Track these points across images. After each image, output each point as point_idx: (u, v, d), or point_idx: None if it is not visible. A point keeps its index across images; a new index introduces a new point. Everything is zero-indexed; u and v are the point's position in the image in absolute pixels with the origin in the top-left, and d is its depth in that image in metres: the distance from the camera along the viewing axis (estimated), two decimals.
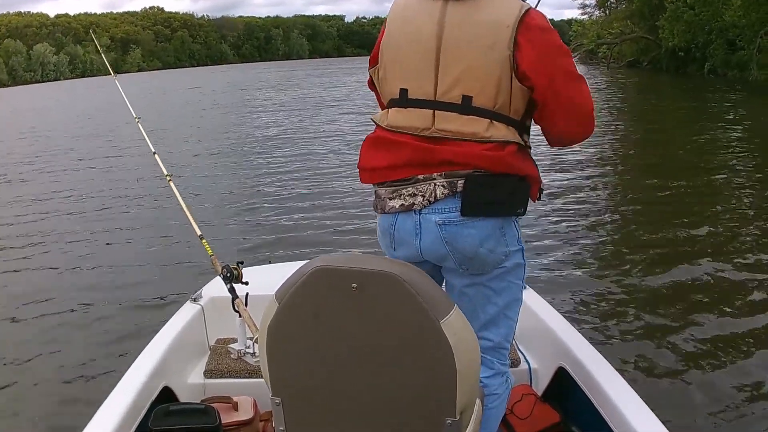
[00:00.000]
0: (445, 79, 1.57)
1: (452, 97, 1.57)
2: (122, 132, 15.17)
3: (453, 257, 1.62)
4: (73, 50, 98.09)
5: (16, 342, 4.20)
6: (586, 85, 1.64)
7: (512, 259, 1.66)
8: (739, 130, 12.15)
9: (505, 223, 1.62)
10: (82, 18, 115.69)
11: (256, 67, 78.54)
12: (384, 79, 1.70)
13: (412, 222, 1.62)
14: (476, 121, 1.56)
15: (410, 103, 1.62)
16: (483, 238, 1.59)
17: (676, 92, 21.95)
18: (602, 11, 41.53)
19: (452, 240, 1.59)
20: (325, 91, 28.73)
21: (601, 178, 8.67)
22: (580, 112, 1.64)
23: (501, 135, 1.56)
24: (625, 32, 33.35)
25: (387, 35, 1.68)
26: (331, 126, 15.41)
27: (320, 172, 9.51)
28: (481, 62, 1.54)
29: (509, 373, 1.82)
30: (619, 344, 3.69)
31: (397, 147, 1.62)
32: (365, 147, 1.72)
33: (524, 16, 1.54)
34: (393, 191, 1.63)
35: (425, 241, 1.62)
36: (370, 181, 1.71)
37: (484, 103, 1.56)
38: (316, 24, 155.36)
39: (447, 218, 1.58)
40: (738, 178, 8.13)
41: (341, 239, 5.99)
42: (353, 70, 44.92)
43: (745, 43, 21.61)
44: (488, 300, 1.68)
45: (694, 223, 6.16)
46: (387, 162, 1.64)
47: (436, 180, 1.58)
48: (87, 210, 7.97)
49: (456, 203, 1.57)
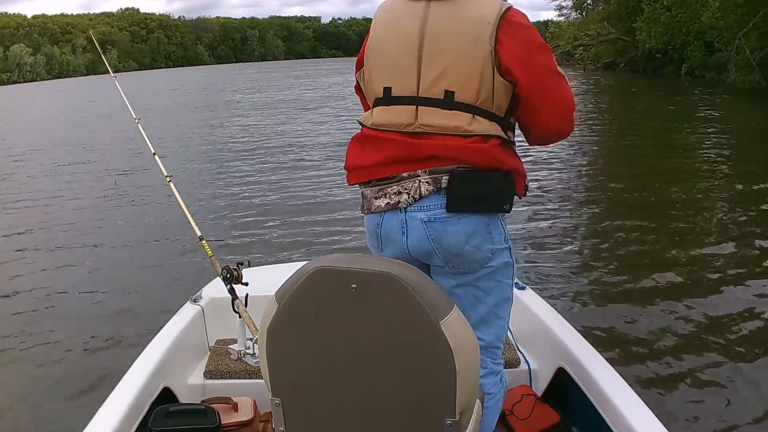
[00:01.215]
0: (428, 75, 1.59)
1: (435, 93, 1.58)
2: (122, 132, 15.16)
3: (439, 255, 1.62)
4: (50, 51, 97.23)
5: (16, 342, 4.20)
6: (566, 82, 1.66)
7: (499, 257, 1.66)
8: (717, 131, 12.19)
9: (491, 221, 1.62)
10: (58, 19, 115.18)
11: (235, 68, 78.17)
12: (369, 81, 1.72)
13: (398, 220, 1.63)
14: (459, 116, 1.57)
15: (394, 100, 1.63)
16: (468, 235, 1.59)
17: (653, 94, 21.91)
18: (579, 13, 41.31)
19: (438, 237, 1.60)
20: (323, 91, 28.80)
21: (587, 179, 8.70)
22: (561, 108, 1.65)
23: (483, 129, 1.57)
24: (602, 34, 33.16)
25: (371, 38, 1.70)
26: (332, 126, 15.41)
27: (320, 173, 9.50)
28: (463, 58, 1.56)
29: (503, 373, 1.82)
30: (619, 344, 3.69)
31: (383, 144, 1.63)
32: (351, 147, 1.73)
33: (505, 13, 1.56)
34: (378, 190, 1.64)
35: (412, 239, 1.62)
36: (357, 180, 1.72)
37: (466, 98, 1.57)
38: (292, 25, 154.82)
39: (432, 215, 1.58)
40: (716, 181, 8.12)
41: (341, 240, 6.00)
42: (344, 70, 45.02)
43: (722, 45, 21.49)
44: (478, 300, 1.68)
45: (688, 223, 6.18)
46: (373, 160, 1.65)
47: (421, 177, 1.58)
48: (87, 210, 7.97)
49: (441, 200, 1.58)
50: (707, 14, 20.94)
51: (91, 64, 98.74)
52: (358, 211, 1.78)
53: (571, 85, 1.69)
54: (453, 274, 1.66)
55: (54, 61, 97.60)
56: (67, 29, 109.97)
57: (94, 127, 18.68)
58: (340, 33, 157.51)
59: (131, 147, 12.43)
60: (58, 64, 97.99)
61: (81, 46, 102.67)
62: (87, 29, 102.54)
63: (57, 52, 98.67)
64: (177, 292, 4.66)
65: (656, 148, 10.87)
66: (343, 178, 7.64)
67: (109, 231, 6.90)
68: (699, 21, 22.20)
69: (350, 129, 14.10)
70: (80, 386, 3.52)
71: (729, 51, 19.86)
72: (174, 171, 3.55)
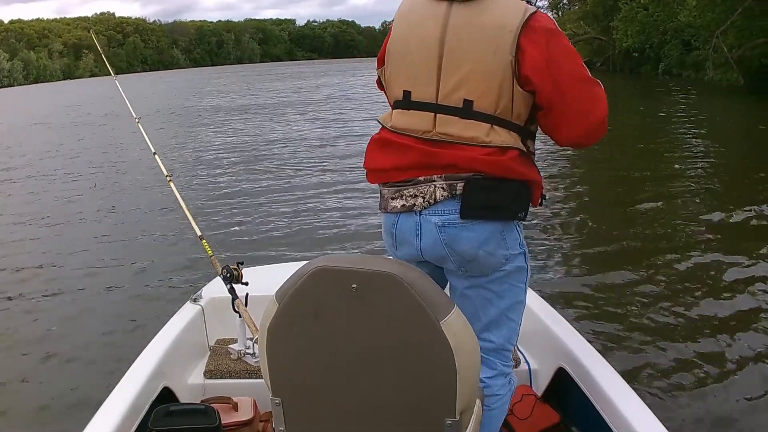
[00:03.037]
0: (447, 83, 1.57)
1: (453, 101, 1.56)
2: (122, 132, 15.17)
3: (452, 259, 1.62)
4: (27, 56, 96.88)
5: (16, 342, 4.20)
6: (598, 88, 1.59)
7: (513, 262, 1.65)
8: (695, 129, 12.25)
9: (506, 227, 1.61)
10: (35, 24, 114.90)
11: (215, 72, 77.79)
12: (389, 81, 1.72)
13: (413, 222, 1.63)
14: (476, 126, 1.55)
15: (413, 105, 1.62)
16: (482, 241, 1.58)
17: (630, 93, 21.91)
18: (555, 12, 41.09)
19: (451, 242, 1.59)
20: (319, 92, 28.80)
21: (580, 179, 8.72)
22: (587, 118, 1.59)
23: (501, 140, 1.55)
24: (578, 33, 33.02)
25: (393, 36, 1.69)
26: (331, 127, 15.40)
27: (320, 173, 9.50)
28: (483, 67, 1.53)
29: (512, 375, 1.82)
30: (618, 344, 3.69)
31: (402, 149, 1.62)
32: (370, 148, 1.73)
33: (528, 19, 1.52)
34: (395, 191, 1.64)
35: (425, 242, 1.62)
36: (376, 181, 1.72)
37: (485, 108, 1.55)
38: (267, 28, 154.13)
39: (446, 220, 1.58)
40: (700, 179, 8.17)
41: (341, 240, 5.98)
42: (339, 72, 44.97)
43: (700, 44, 21.25)
44: (489, 302, 1.67)
45: (688, 223, 6.17)
46: (392, 164, 1.65)
47: (436, 182, 1.58)
48: (87, 211, 7.97)
49: (455, 206, 1.57)
50: (684, 12, 20.86)
51: (67, 69, 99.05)
52: (361, 212, 1.79)
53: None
54: (466, 276, 1.66)
55: (31, 66, 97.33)
56: (44, 34, 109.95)
57: (94, 126, 18.67)
58: (316, 35, 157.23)
59: (131, 147, 12.44)
60: (35, 69, 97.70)
61: (57, 51, 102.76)
62: (63, 34, 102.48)
63: (33, 57, 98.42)
64: (177, 292, 4.67)
65: (634, 147, 10.86)
66: (343, 179, 7.67)
67: (109, 231, 6.90)
68: (676, 19, 22.08)
69: (350, 129, 14.12)
70: (80, 385, 3.52)
71: (707, 49, 19.71)
72: (174, 171, 3.55)
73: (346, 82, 35.51)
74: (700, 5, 19.73)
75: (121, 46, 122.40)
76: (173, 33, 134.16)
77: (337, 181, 8.77)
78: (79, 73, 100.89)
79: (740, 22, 18.83)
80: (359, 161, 1.86)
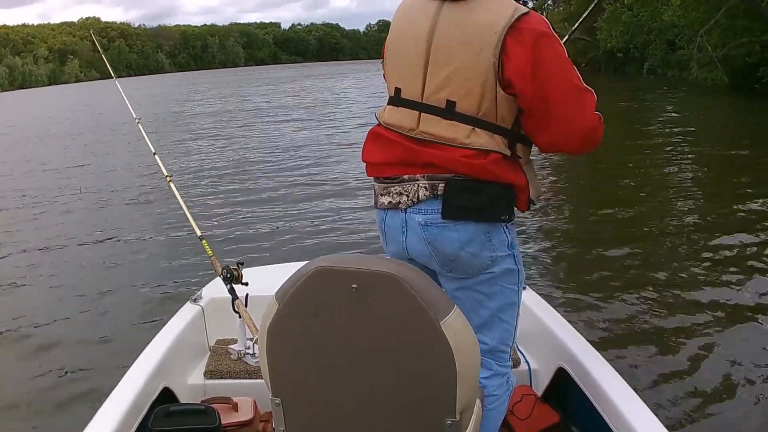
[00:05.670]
0: (432, 82, 1.57)
1: (437, 101, 1.56)
2: (122, 133, 15.18)
3: (436, 258, 1.62)
4: (12, 62, 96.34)
5: (16, 342, 4.20)
6: (590, 98, 1.55)
7: (501, 264, 1.63)
8: (679, 128, 12.25)
9: (492, 228, 1.59)
10: (20, 29, 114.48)
11: (200, 76, 77.34)
12: (386, 77, 1.74)
13: (399, 220, 1.64)
14: (457, 127, 1.54)
15: (402, 102, 1.64)
16: (464, 242, 1.58)
17: (615, 93, 21.83)
18: (539, 13, 41.53)
19: (433, 241, 1.60)
20: (317, 94, 28.80)
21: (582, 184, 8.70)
22: (571, 126, 1.55)
23: (481, 143, 1.53)
24: (563, 34, 33.29)
25: (391, 33, 1.71)
26: (331, 127, 15.41)
27: (320, 173, 9.50)
28: (467, 68, 1.51)
29: (510, 375, 1.81)
30: (618, 344, 3.69)
31: (390, 145, 1.65)
32: (366, 141, 1.75)
33: (516, 21, 1.48)
34: (384, 188, 1.66)
35: (410, 239, 1.63)
36: (371, 174, 1.75)
37: (467, 109, 1.53)
38: (252, 32, 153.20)
39: (429, 219, 1.58)
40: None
41: (341, 240, 5.98)
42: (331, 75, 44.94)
43: (684, 43, 21.31)
44: (479, 304, 1.67)
45: (686, 222, 6.18)
46: (381, 158, 1.67)
47: (419, 181, 1.59)
48: (87, 211, 7.97)
49: (437, 205, 1.57)
50: (669, 12, 20.84)
51: (53, 74, 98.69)
52: (358, 212, 1.80)
53: None
54: (454, 278, 1.66)
55: (16, 72, 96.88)
56: (29, 39, 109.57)
57: (92, 128, 18.65)
58: (300, 38, 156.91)
59: (131, 148, 12.44)
60: (21, 74, 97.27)
61: (42, 56, 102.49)
62: (48, 39, 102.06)
63: (19, 63, 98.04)
64: (177, 292, 4.67)
65: (621, 146, 10.83)
66: (346, 180, 7.68)
67: (109, 231, 6.90)
68: (660, 19, 22.09)
69: (350, 130, 14.11)
70: (80, 386, 3.52)
71: (691, 49, 19.71)
72: (173, 172, 3.56)
73: (337, 85, 35.50)
74: (685, 4, 19.71)
75: (106, 51, 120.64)
76: (158, 37, 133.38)
77: (338, 181, 8.77)
78: (65, 78, 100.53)
79: (724, 21, 18.85)
80: (358, 162, 1.87)
